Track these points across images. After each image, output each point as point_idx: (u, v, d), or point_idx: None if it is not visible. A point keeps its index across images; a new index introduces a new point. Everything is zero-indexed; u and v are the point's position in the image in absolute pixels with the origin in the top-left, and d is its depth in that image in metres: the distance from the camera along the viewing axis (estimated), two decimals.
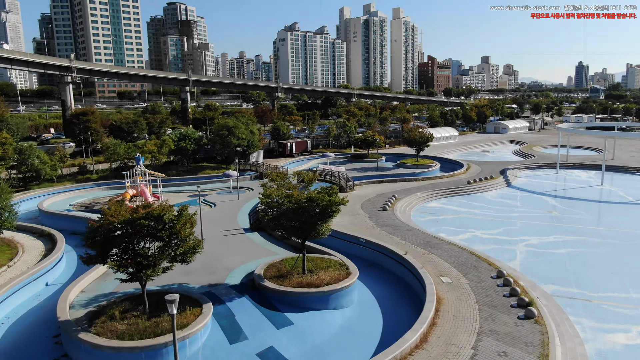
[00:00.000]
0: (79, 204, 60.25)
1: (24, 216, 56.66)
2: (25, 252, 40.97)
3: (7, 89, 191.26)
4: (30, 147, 65.18)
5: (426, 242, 41.22)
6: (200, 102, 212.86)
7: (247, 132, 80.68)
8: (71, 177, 73.02)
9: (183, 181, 71.92)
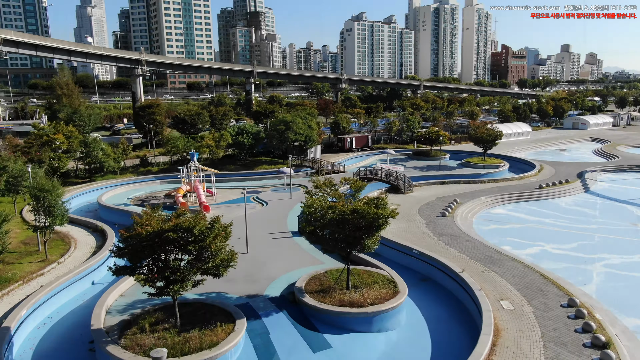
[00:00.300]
0: (137, 197, 61.25)
1: (85, 208, 58.63)
2: (77, 247, 41.57)
3: (87, 80, 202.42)
4: (94, 140, 67.18)
5: (487, 257, 37.32)
6: (265, 94, 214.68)
7: (305, 127, 78.96)
8: (134, 170, 74.82)
9: (238, 176, 71.52)
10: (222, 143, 75.70)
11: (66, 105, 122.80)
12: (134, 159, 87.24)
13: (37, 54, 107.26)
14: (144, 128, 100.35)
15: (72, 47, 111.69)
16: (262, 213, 53.09)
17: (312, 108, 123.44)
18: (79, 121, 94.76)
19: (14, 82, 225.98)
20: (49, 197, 36.36)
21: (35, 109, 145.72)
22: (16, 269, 35.83)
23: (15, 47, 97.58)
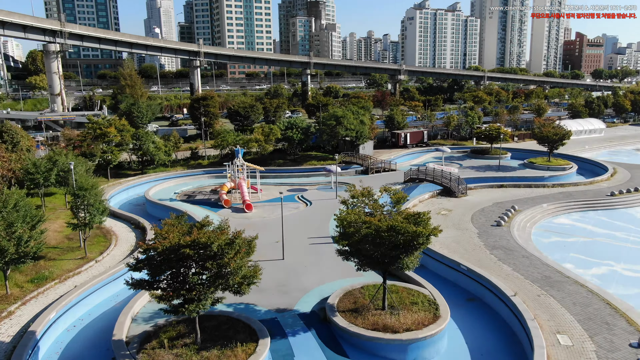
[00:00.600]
0: (183, 192, 61.34)
1: (134, 201, 59.37)
2: (118, 245, 41.64)
3: (151, 70, 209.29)
4: (146, 133, 68.04)
5: (545, 278, 33.46)
6: (322, 84, 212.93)
7: (356, 122, 76.27)
8: (184, 162, 75.44)
9: (285, 172, 70.17)
10: (272, 137, 74.60)
11: (128, 96, 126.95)
12: (187, 150, 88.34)
13: (100, 47, 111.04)
14: (198, 120, 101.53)
15: (133, 40, 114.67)
16: (305, 214, 51.29)
17: (368, 100, 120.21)
18: (137, 112, 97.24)
19: (85, 72, 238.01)
20: (87, 196, 36.33)
21: (98, 100, 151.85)
22: (55, 266, 36.18)
23: (80, 40, 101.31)
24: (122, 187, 62.21)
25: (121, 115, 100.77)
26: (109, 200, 57.56)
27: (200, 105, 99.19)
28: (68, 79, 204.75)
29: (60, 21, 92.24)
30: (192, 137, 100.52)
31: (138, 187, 63.30)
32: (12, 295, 31.43)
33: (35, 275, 34.16)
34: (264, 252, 39.85)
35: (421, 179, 60.37)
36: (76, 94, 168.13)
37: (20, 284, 33.11)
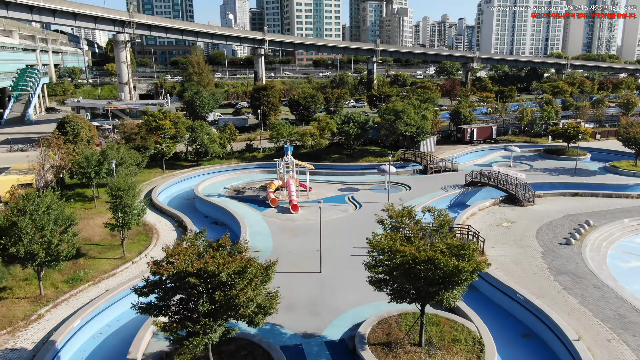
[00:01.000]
0: (232, 188, 60.51)
1: (185, 195, 59.24)
2: (157, 244, 41.10)
3: (220, 57, 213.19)
4: (201, 125, 67.84)
5: (619, 317, 28.61)
6: (390, 71, 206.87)
7: (417, 117, 71.86)
8: (240, 154, 74.81)
9: (338, 169, 67.41)
10: (327, 132, 72.07)
11: (194, 84, 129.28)
12: (244, 141, 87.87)
13: (167, 36, 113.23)
14: (256, 111, 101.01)
15: (198, 29, 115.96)
16: (352, 218, 48.43)
17: (435, 91, 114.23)
18: (199, 102, 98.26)
19: (160, 59, 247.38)
20: (124, 197, 35.77)
21: (168, 87, 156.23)
22: (93, 266, 36.09)
23: (148, 30, 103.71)
24: (175, 180, 62.47)
25: (185, 104, 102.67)
26: (162, 192, 58.06)
27: (260, 95, 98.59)
28: (143, 65, 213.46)
29: (128, 12, 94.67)
30: (252, 126, 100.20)
31: (190, 180, 63.31)
32: (45, 296, 31.44)
33: (71, 276, 34.13)
34: (302, 261, 37.72)
35: (484, 183, 55.40)
36: (149, 80, 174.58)
37: (56, 284, 33.17)
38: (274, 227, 45.73)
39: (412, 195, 55.56)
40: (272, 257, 38.74)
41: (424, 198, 53.29)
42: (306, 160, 70.87)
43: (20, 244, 28.53)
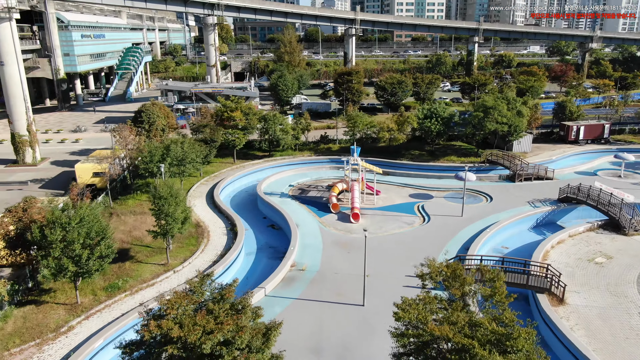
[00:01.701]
0: (298, 185, 58.06)
1: (251, 189, 57.61)
2: (205, 251, 39.88)
3: (316, 35, 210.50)
4: (274, 116, 65.83)
5: None
6: (494, 51, 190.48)
7: (510, 113, 63.81)
8: (314, 146, 72.02)
9: (414, 169, 62.09)
10: (406, 127, 66.64)
11: (283, 65, 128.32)
12: (324, 129, 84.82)
13: (256, 17, 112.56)
14: (339, 96, 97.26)
15: (287, 9, 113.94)
16: (416, 235, 43.61)
17: (541, 78, 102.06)
18: (282, 86, 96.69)
19: (260, 35, 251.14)
20: (166, 206, 34.55)
21: (254, 67, 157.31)
22: (136, 271, 35.63)
23: (237, 12, 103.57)
24: (243, 172, 61.36)
25: (269, 87, 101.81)
26: (228, 185, 57.14)
27: (343, 80, 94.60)
28: (241, 42, 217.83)
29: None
30: (334, 112, 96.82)
31: (259, 174, 61.82)
32: (81, 305, 31.34)
33: (112, 282, 33.85)
34: (346, 288, 34.19)
35: (580, 200, 47.27)
36: (245, 58, 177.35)
37: (95, 290, 33.05)
38: (328, 239, 42.52)
39: (491, 208, 49.13)
40: (317, 278, 35.83)
41: (505, 214, 46.79)
42: (383, 155, 66.51)
43: (50, 258, 28.24)
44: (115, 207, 48.57)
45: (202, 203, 50.46)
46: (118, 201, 50.42)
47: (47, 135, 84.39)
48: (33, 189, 55.63)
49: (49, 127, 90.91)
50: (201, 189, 54.77)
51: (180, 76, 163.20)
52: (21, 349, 27.44)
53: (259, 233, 45.95)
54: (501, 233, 43.71)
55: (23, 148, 64.95)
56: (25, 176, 60.38)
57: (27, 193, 54.18)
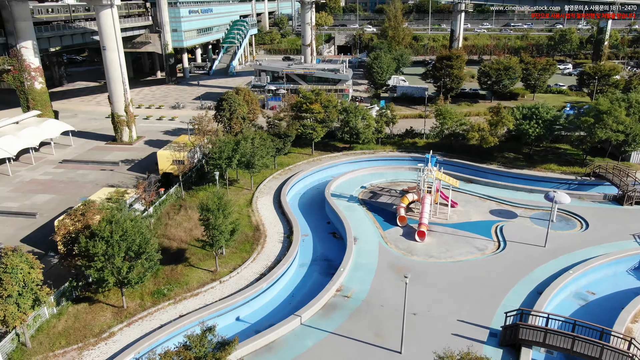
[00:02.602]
0: (371, 187, 55.22)
1: (322, 186, 55.83)
2: (258, 258, 39.39)
3: (427, 5, 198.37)
4: (355, 108, 62.91)
5: None
6: (633, 25, 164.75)
7: (630, 119, 54.59)
8: (399, 139, 68.05)
9: (502, 177, 56.01)
10: (500, 128, 59.99)
11: (384, 42, 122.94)
12: (415, 117, 79.96)
13: None
14: (437, 82, 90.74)
15: None
16: (485, 266, 39.00)
17: None
18: (377, 68, 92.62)
19: (370, 3, 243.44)
20: (212, 218, 34.27)
21: (358, 40, 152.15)
22: (186, 277, 36.22)
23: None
24: (319, 166, 59.78)
25: (364, 68, 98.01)
26: (300, 181, 56.15)
27: (442, 65, 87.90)
28: (350, 12, 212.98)
29: None
30: (431, 98, 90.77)
31: (335, 169, 59.97)
32: (126, 310, 32.54)
33: (158, 288, 34.71)
34: (387, 327, 31.55)
35: None
36: (350, 31, 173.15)
37: (143, 295, 34.15)
38: (384, 259, 39.73)
39: (583, 239, 42.54)
40: (360, 309, 33.53)
41: (599, 248, 40.28)
42: (472, 156, 61.01)
43: (93, 269, 29.30)
44: (186, 198, 49.98)
45: (268, 201, 50.02)
46: (191, 191, 51.81)
47: (149, 110, 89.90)
48: (122, 171, 59.41)
49: (153, 101, 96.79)
50: (271, 184, 54.36)
51: (285, 48, 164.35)
52: (64, 351, 29.15)
53: (319, 241, 44.49)
54: (590, 273, 37.63)
55: (121, 127, 69.52)
56: (119, 156, 64.64)
57: (117, 175, 58.13)
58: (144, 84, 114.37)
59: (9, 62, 68.80)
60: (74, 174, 58.65)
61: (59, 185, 55.12)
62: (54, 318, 31.41)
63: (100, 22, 64.56)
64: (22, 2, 66.37)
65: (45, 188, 54.34)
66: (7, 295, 25.90)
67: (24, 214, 47.63)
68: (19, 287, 26.28)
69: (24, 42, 67.67)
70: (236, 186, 53.64)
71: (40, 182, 56.07)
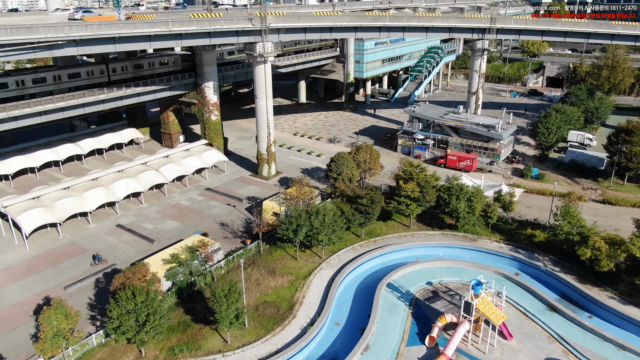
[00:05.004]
0: (438, 285, 52.15)
1: (394, 268, 55.02)
2: (272, 339, 42.88)
3: None
4: (460, 188, 58.96)
5: None
6: None
7: None
8: (516, 227, 61.39)
9: (601, 313, 46.21)
10: (620, 254, 49.11)
11: (593, 85, 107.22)
12: (561, 198, 69.53)
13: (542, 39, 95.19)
14: (613, 156, 75.58)
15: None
16: None
17: None
18: (542, 128, 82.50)
19: None
20: (217, 305, 39.57)
21: (573, 73, 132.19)
22: (205, 339, 42.57)
23: (517, 34, 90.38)
24: (404, 246, 58.32)
25: (531, 125, 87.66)
26: (376, 257, 56.45)
27: (618, 140, 73.31)
28: None
29: (490, 18, 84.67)
30: (608, 172, 77.03)
31: (418, 250, 58.17)
32: (145, 357, 40.73)
33: (172, 346, 41.81)
34: None
35: None
36: (564, 60, 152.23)
37: (163, 346, 41.85)
38: None
39: None
40: None
41: None
42: (588, 271, 51.55)
43: (109, 326, 38.10)
44: (262, 255, 55.92)
45: (327, 277, 52.33)
46: (273, 247, 57.66)
47: (305, 141, 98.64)
48: (240, 209, 68.96)
49: (317, 130, 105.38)
50: (345, 256, 56.31)
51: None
52: None
53: (344, 333, 45.44)
54: None
55: (262, 164, 79.79)
56: (251, 190, 74.80)
57: (233, 213, 67.90)
58: (323, 108, 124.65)
59: (195, 97, 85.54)
60: (206, 204, 70.79)
61: (188, 214, 67.66)
62: (85, 355, 41.16)
63: (255, 74, 74.88)
64: (210, 51, 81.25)
65: (178, 215, 67.40)
66: (45, 337, 36.27)
67: (146, 238, 60.77)
68: (52, 332, 36.36)
69: (207, 82, 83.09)
70: (313, 250, 57.17)
71: (178, 208, 69.64)
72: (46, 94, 69.44)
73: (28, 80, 68.16)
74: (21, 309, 47.49)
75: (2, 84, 65.43)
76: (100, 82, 76.15)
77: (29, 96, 67.92)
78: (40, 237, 61.03)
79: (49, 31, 53.40)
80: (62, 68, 73.47)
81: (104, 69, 76.46)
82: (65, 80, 71.94)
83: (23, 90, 67.49)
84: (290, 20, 73.17)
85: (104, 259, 56.02)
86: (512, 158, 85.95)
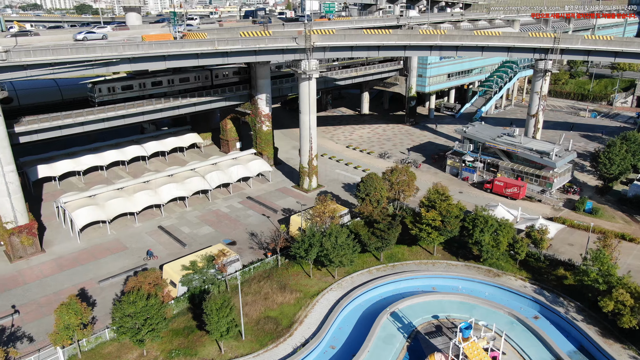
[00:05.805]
0: (445, 320, 50.99)
1: (406, 296, 55.00)
2: (263, 355, 45.11)
3: None
4: (485, 222, 56.91)
5: None
6: None
7: None
8: (545, 265, 58.22)
9: None
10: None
11: None
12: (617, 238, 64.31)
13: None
14: None
15: None
16: None
17: None
18: (604, 159, 76.60)
19: None
20: (208, 318, 42.31)
21: None
22: (202, 347, 45.65)
23: (585, 55, 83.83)
24: (420, 274, 57.36)
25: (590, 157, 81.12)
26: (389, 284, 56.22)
27: None
28: None
29: (554, 37, 78.97)
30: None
31: (436, 280, 57.21)
32: (146, 357, 44.64)
33: (172, 349, 45.31)
34: None
35: None
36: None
37: (165, 347, 45.52)
38: None
39: None
40: None
41: None
42: (612, 324, 47.82)
43: (111, 327, 42.30)
44: (279, 269, 58.14)
45: (334, 298, 53.14)
46: (292, 262, 59.66)
47: (356, 155, 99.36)
48: (273, 220, 71.51)
49: (371, 144, 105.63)
50: (358, 279, 56.79)
51: (568, 91, 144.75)
52: None
53: (337, 357, 46.15)
54: None
55: (303, 176, 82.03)
56: (288, 202, 77.38)
57: (266, 224, 70.71)
58: (385, 120, 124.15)
59: (249, 108, 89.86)
60: (243, 212, 74.42)
61: (224, 221, 71.65)
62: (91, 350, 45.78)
63: (300, 90, 77.21)
64: (264, 65, 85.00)
65: (215, 221, 71.63)
66: (57, 328, 41.30)
67: (180, 241, 65.46)
68: (63, 325, 41.24)
69: (260, 94, 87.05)
70: (328, 270, 58.27)
71: (217, 214, 73.91)
72: (160, 95, 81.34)
73: (148, 83, 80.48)
74: (59, 298, 53.58)
75: (129, 85, 78.15)
76: (204, 85, 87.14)
77: (149, 96, 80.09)
78: (93, 231, 68.13)
79: (104, 50, 59.47)
80: (175, 72, 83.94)
81: (208, 74, 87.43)
82: (177, 83, 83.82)
83: (144, 92, 79.89)
84: (335, 39, 74.49)
85: (156, 255, 61.51)
86: (568, 188, 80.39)
